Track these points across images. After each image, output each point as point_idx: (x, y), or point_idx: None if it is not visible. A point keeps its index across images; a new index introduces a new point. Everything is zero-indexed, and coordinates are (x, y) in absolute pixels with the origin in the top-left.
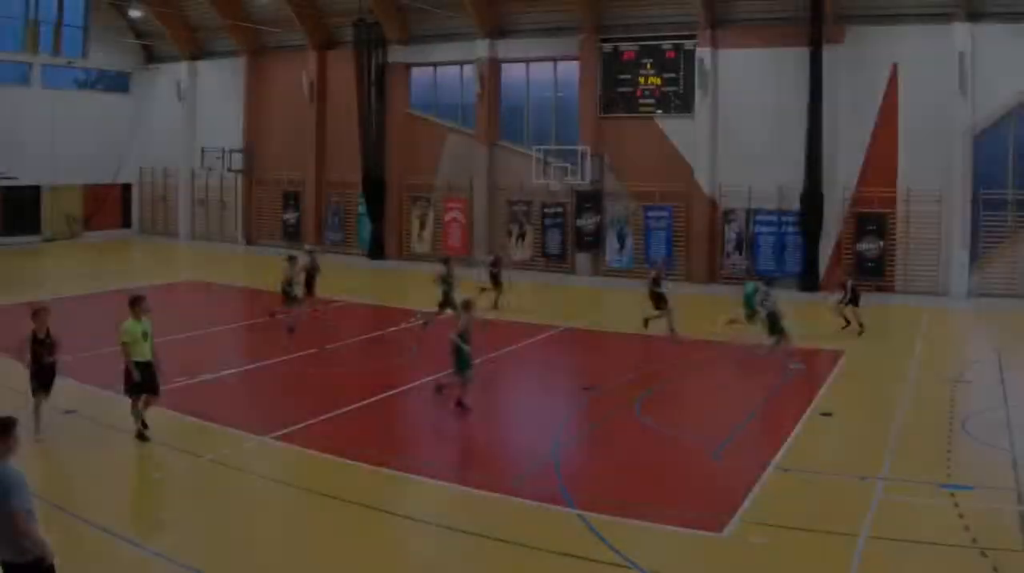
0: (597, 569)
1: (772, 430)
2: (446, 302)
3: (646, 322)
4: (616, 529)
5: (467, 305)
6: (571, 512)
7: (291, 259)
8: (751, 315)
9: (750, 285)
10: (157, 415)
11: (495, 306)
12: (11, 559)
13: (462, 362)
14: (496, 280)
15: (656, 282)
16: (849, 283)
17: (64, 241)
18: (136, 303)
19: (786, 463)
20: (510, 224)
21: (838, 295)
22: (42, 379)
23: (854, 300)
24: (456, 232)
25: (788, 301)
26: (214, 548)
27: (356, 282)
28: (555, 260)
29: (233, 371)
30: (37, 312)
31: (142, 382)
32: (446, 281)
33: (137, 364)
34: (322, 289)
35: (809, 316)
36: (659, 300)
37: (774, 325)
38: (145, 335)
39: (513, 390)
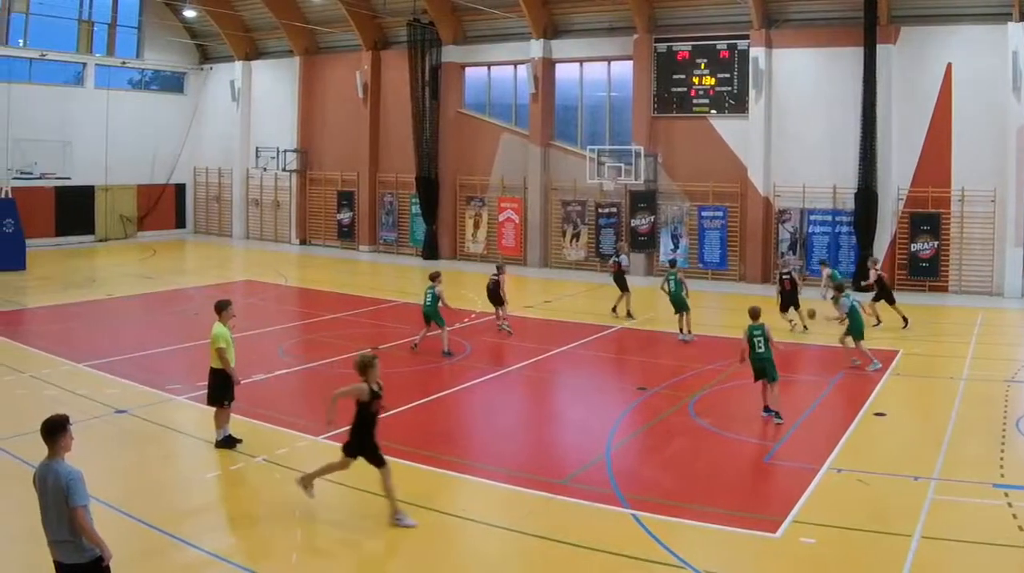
0: (651, 569)
1: (826, 430)
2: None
3: (614, 308)
4: (670, 529)
5: (435, 277)
6: (624, 512)
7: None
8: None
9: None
10: (207, 415)
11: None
12: (68, 560)
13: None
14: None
15: (619, 271)
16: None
17: (118, 241)
18: (225, 308)
19: (840, 463)
20: (564, 224)
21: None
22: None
23: (884, 295)
24: (510, 232)
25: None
26: (268, 549)
27: (409, 283)
28: (609, 260)
29: (286, 371)
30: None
31: (230, 388)
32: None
33: (220, 370)
34: (376, 289)
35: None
36: (621, 286)
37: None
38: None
39: (567, 390)
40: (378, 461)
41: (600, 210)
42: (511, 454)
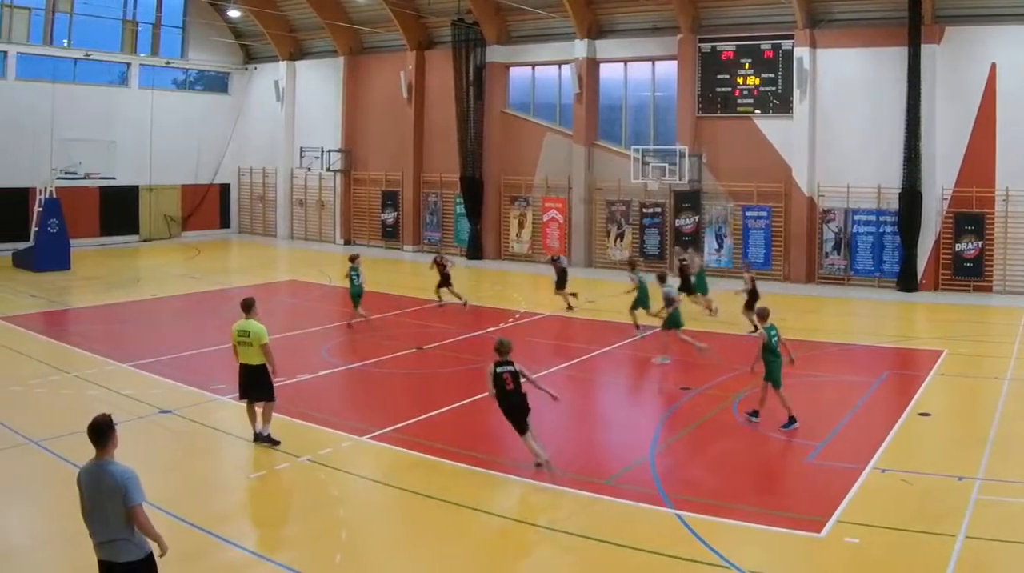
0: (695, 569)
1: (870, 430)
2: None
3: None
4: (714, 529)
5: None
6: (669, 512)
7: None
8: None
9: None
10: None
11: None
12: (123, 557)
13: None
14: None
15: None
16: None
17: (162, 241)
18: (254, 305)
19: (884, 463)
20: (608, 224)
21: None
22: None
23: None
24: (554, 232)
25: (885, 302)
26: (313, 548)
27: (454, 283)
28: (653, 260)
29: (331, 371)
30: None
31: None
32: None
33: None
34: (420, 289)
35: (905, 316)
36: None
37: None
38: None
39: (610, 390)
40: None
41: (644, 210)
42: (555, 454)
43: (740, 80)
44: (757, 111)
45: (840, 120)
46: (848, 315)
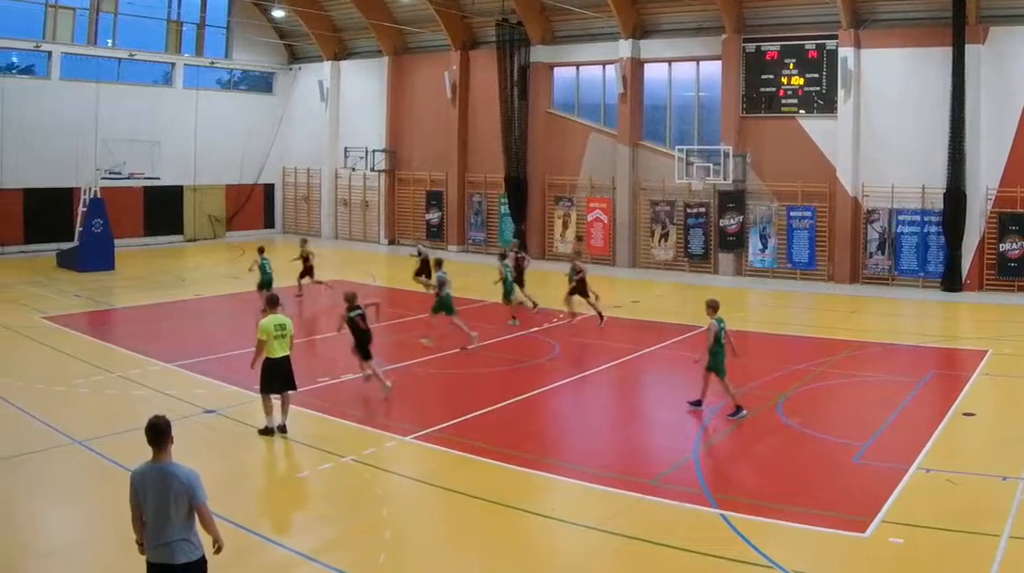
0: (740, 569)
1: (914, 430)
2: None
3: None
4: (758, 529)
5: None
6: (713, 512)
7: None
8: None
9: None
10: (298, 415)
11: None
12: (183, 558)
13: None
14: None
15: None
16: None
17: (206, 241)
18: (279, 302)
19: (928, 463)
20: (653, 224)
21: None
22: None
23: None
24: (599, 232)
25: (929, 302)
26: (357, 548)
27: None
28: (698, 260)
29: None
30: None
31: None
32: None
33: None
34: (465, 289)
35: (949, 316)
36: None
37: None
38: None
39: (655, 389)
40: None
41: (689, 210)
42: (599, 454)
43: (784, 80)
44: (801, 111)
45: (884, 120)
46: (892, 315)
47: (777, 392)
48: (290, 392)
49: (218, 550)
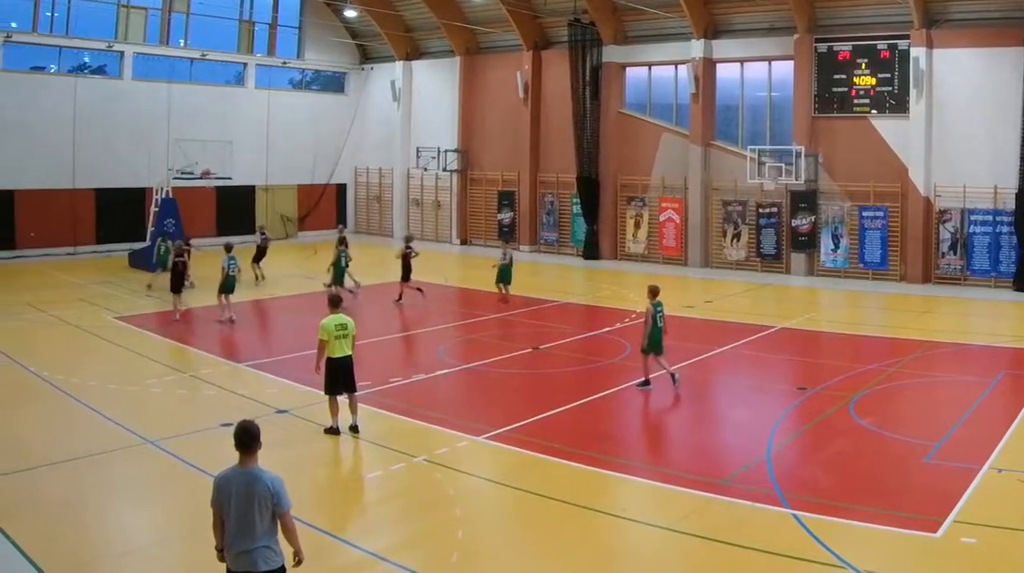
0: (811, 569)
1: (986, 430)
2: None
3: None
4: (830, 529)
5: (229, 247)
6: (785, 512)
7: None
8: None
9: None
10: (371, 415)
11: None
12: (265, 566)
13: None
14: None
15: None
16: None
17: (278, 241)
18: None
19: (1001, 463)
20: (725, 224)
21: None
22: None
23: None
24: (671, 232)
25: (1001, 302)
26: (430, 548)
27: (570, 283)
28: (770, 260)
29: (447, 371)
30: None
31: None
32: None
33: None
34: (537, 289)
35: (1022, 316)
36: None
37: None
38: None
39: (726, 389)
40: None
41: (761, 210)
42: (671, 454)
43: (856, 80)
44: (873, 111)
45: (956, 120)
46: (964, 315)
47: (849, 392)
48: (354, 393)
49: (298, 563)
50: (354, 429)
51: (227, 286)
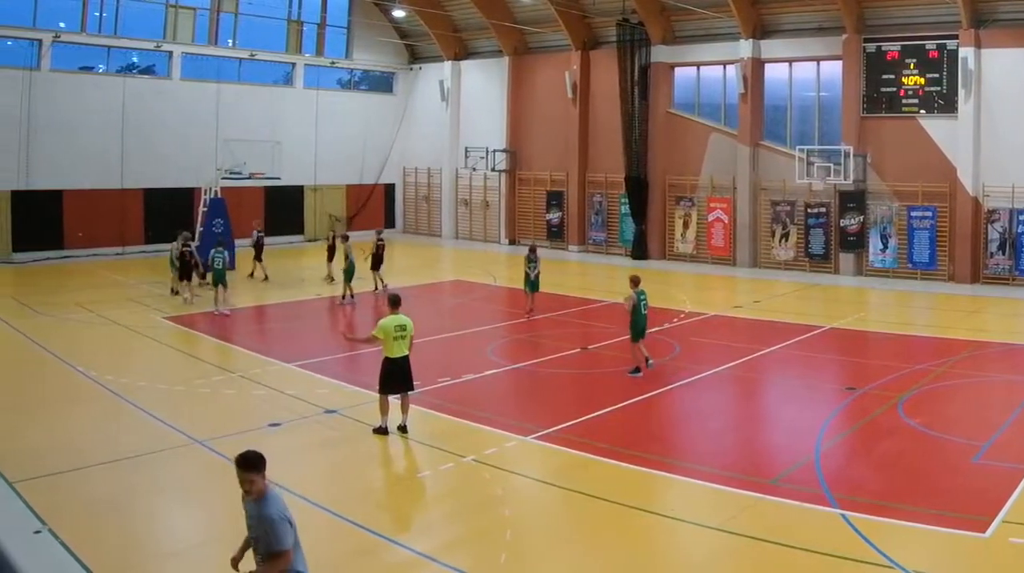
0: (860, 569)
1: None
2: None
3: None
4: (879, 529)
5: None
6: (834, 512)
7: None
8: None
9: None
10: (419, 415)
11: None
12: None
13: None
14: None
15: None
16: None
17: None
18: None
19: None
20: (773, 224)
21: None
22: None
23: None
24: (719, 232)
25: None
26: (478, 548)
27: (618, 283)
28: (818, 260)
29: (495, 371)
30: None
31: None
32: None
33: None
34: (585, 289)
35: None
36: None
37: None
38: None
39: (775, 389)
40: None
41: (809, 210)
42: (720, 454)
43: (905, 80)
44: (922, 111)
45: (1005, 120)
46: (1013, 315)
47: (898, 392)
48: (408, 393)
49: None
50: (403, 429)
51: (216, 278)
